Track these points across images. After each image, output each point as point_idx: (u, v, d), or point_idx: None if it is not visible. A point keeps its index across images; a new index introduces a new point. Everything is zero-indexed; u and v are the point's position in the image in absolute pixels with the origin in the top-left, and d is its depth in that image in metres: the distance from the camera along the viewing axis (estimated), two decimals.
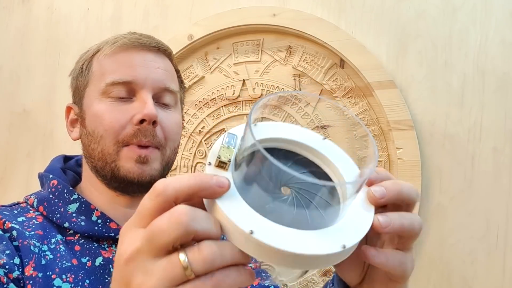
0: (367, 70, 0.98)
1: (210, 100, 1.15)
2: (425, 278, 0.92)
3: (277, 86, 1.09)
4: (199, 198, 0.30)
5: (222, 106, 1.13)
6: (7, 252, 0.52)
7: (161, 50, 0.64)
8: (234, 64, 1.13)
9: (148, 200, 0.30)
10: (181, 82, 0.69)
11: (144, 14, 1.27)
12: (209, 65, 1.16)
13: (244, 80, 1.12)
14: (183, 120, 0.69)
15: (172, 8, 1.23)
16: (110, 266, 0.56)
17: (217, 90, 1.14)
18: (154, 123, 0.58)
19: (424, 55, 0.97)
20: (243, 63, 1.12)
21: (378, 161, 0.98)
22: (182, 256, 0.28)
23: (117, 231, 0.58)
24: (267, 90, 1.09)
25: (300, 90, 1.06)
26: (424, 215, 0.93)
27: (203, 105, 1.15)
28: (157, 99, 0.61)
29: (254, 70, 1.11)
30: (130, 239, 0.30)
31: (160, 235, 0.28)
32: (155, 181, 0.59)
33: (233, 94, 1.12)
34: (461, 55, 0.94)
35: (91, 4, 1.34)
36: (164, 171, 0.62)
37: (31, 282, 0.51)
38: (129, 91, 0.60)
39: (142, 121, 0.58)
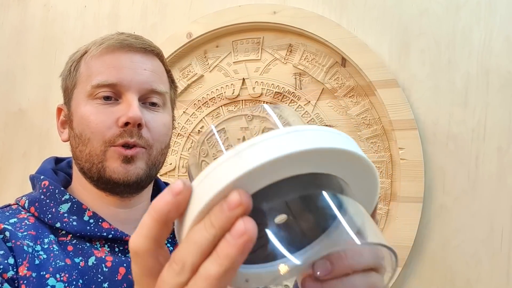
0: (369, 69, 0.96)
1: (209, 100, 1.13)
2: (428, 280, 0.91)
3: (277, 85, 1.07)
4: (173, 219, 0.27)
5: (221, 106, 1.12)
6: (1, 252, 0.52)
7: (149, 50, 0.63)
8: (233, 62, 1.12)
9: (134, 266, 0.28)
10: (171, 82, 0.69)
11: (142, 11, 1.25)
12: (208, 63, 1.14)
13: (244, 79, 1.10)
14: (173, 120, 0.69)
15: (170, 6, 1.22)
16: (103, 265, 0.56)
17: (217, 89, 1.13)
18: (139, 125, 0.58)
19: (427, 54, 0.95)
20: (243, 62, 1.11)
21: (380, 161, 0.96)
22: None
23: (109, 230, 0.58)
24: (267, 89, 1.08)
25: (301, 89, 1.05)
26: (427, 216, 0.92)
27: (202, 105, 1.14)
28: (144, 100, 0.62)
29: (254, 68, 1.10)
30: None
31: None
32: (141, 180, 0.59)
33: (232, 93, 1.11)
34: (464, 53, 0.93)
35: (88, 2, 1.33)
36: (151, 171, 0.61)
37: (25, 282, 0.51)
38: (115, 93, 0.60)
39: (127, 123, 0.58)
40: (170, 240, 0.65)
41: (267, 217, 0.25)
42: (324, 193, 0.26)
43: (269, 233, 0.25)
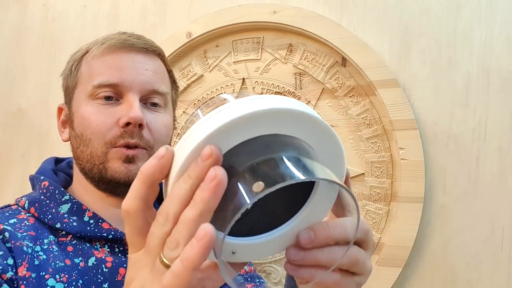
0: (370, 69, 0.96)
1: (209, 99, 1.13)
2: (429, 281, 0.91)
3: (278, 85, 1.07)
4: (160, 181, 0.30)
5: (221, 105, 1.11)
6: (0, 253, 0.52)
7: (151, 50, 0.63)
8: (233, 62, 1.11)
9: (126, 227, 0.31)
10: (173, 82, 0.69)
11: (142, 11, 1.25)
12: (208, 63, 1.14)
13: (244, 79, 1.10)
14: (175, 120, 0.69)
15: (170, 5, 1.21)
16: (103, 266, 0.56)
17: (216, 89, 1.12)
18: (140, 126, 0.58)
19: (427, 54, 0.95)
20: (243, 62, 1.11)
21: (381, 161, 0.96)
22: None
23: (109, 231, 0.58)
24: (267, 89, 1.08)
25: (301, 88, 1.05)
26: (428, 216, 0.92)
27: (202, 105, 1.13)
28: (146, 101, 0.61)
29: (254, 68, 1.09)
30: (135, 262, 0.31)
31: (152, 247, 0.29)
32: None
33: (232, 93, 1.10)
34: (465, 53, 0.92)
35: (88, 1, 1.32)
36: None
37: (24, 282, 0.51)
38: (116, 93, 0.60)
39: (128, 124, 0.58)
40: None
41: (241, 177, 0.28)
42: (287, 153, 0.28)
43: (242, 188, 0.27)
